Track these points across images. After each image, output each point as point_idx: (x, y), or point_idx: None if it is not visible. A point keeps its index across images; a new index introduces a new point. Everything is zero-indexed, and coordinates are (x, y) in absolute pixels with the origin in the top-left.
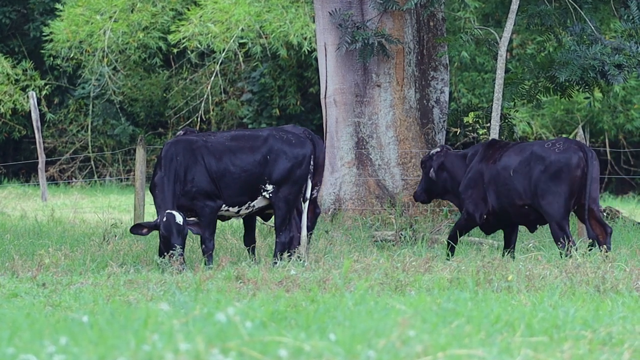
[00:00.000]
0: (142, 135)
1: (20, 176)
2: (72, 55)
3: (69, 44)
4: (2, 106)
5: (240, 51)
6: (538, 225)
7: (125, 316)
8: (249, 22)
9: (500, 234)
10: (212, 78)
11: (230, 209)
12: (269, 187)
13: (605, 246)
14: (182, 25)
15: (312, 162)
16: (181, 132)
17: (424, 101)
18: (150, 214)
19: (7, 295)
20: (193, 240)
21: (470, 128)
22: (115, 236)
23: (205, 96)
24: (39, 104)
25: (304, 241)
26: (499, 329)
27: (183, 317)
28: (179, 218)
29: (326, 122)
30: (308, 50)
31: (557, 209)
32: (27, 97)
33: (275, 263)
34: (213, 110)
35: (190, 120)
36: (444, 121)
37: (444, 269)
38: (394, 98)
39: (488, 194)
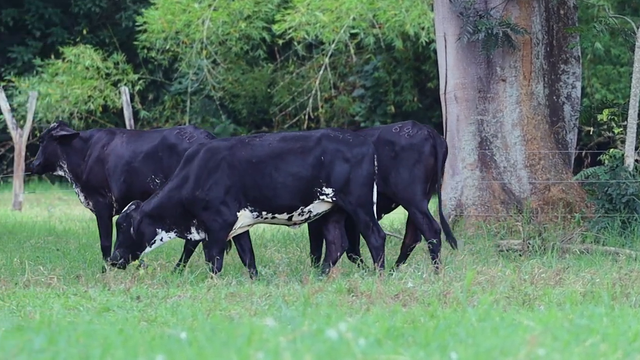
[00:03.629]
0: (245, 135)
1: None
2: (167, 47)
3: (165, 34)
4: (92, 102)
5: (351, 42)
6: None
7: (227, 332)
8: (361, 10)
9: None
10: (321, 72)
11: (278, 215)
12: (329, 191)
13: None
14: (288, 14)
15: (375, 162)
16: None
17: (554, 97)
18: None
19: (98, 309)
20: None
21: (605, 126)
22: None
23: (313, 92)
24: (131, 100)
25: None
26: (637, 347)
27: (290, 334)
28: None
29: (446, 120)
30: (426, 42)
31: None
32: (119, 92)
33: (376, 269)
34: (322, 107)
35: (297, 118)
36: (575, 119)
37: (576, 281)
38: (521, 94)
39: None
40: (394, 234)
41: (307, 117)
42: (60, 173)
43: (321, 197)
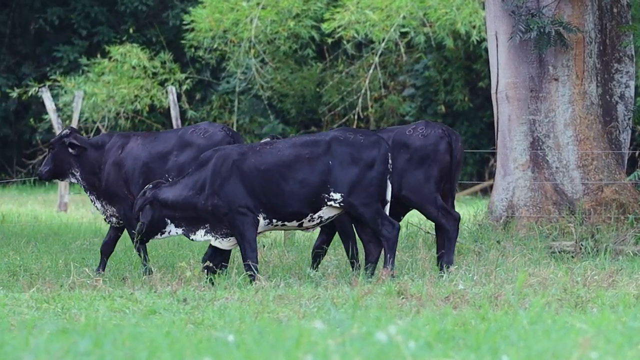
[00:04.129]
0: (294, 135)
1: None
2: (215, 46)
3: (212, 33)
4: (139, 102)
5: (401, 41)
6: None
7: (275, 335)
8: (412, 8)
9: None
10: (371, 71)
11: (288, 223)
12: (337, 196)
13: None
14: (337, 12)
15: (390, 160)
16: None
17: (607, 97)
18: None
19: (144, 312)
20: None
21: None
22: (264, 246)
23: (362, 91)
24: (179, 99)
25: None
26: None
27: (339, 337)
28: None
29: (497, 119)
30: (477, 40)
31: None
32: (166, 92)
33: (389, 261)
34: (372, 106)
35: (346, 118)
36: (629, 119)
37: (629, 283)
38: (573, 93)
39: None
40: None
41: (356, 117)
42: (73, 180)
43: (329, 202)
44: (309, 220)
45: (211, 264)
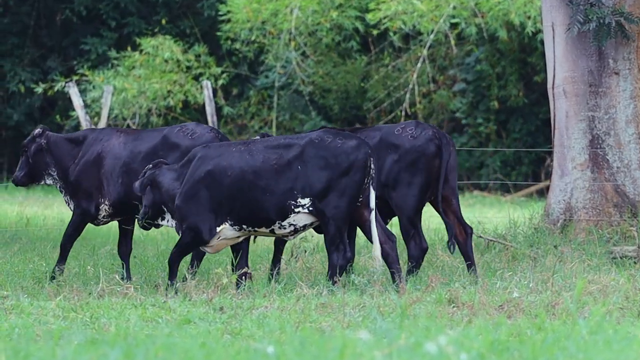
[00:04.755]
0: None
1: None
2: (253, 38)
3: (250, 24)
4: (172, 98)
5: (451, 32)
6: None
7: (317, 346)
8: None
9: None
10: (419, 65)
11: (258, 229)
12: (305, 202)
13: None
14: (383, 2)
15: (372, 167)
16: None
17: None
18: None
19: (178, 321)
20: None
21: None
22: (305, 251)
23: (410, 86)
24: (214, 95)
25: (377, 256)
26: None
27: (386, 348)
28: None
29: (554, 116)
30: (532, 32)
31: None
32: (201, 87)
33: (332, 285)
34: (420, 102)
35: (392, 115)
36: None
37: None
38: (635, 88)
39: None
40: (497, 239)
41: (403, 113)
42: (49, 182)
43: (297, 209)
44: (280, 228)
45: (249, 270)
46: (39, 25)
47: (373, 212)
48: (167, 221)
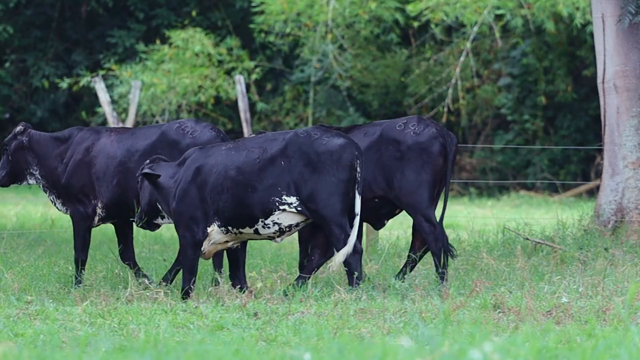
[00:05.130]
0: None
1: None
2: (288, 31)
3: (284, 16)
4: (203, 94)
5: (496, 24)
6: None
7: (356, 353)
8: None
9: None
10: (462, 58)
11: (242, 230)
12: (291, 200)
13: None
14: None
15: (358, 170)
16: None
17: None
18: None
19: (211, 327)
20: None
21: None
22: None
23: (453, 81)
24: (247, 90)
25: (339, 261)
26: None
27: (428, 355)
28: None
29: (604, 112)
30: (581, 24)
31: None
32: (233, 82)
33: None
34: (463, 97)
35: (434, 111)
36: None
37: None
38: None
39: None
40: (545, 242)
41: (446, 109)
42: (31, 182)
43: (282, 207)
44: (264, 227)
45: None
46: (64, 18)
47: (357, 218)
48: (167, 218)
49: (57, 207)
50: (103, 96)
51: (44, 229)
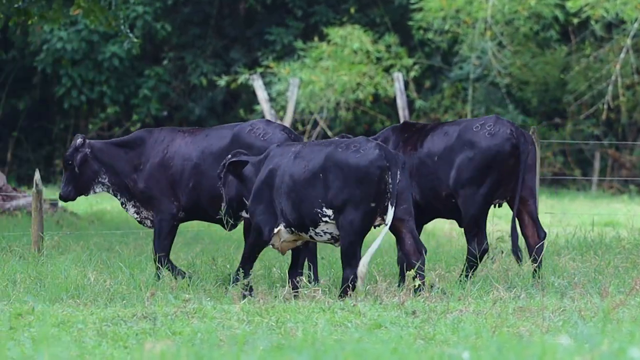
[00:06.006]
0: (535, 127)
1: None
2: (446, 28)
3: (443, 13)
4: (361, 91)
5: None
6: None
7: (515, 352)
8: None
9: None
10: (622, 55)
11: (303, 233)
12: (328, 212)
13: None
14: None
15: (390, 180)
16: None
17: None
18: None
19: (369, 325)
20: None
21: None
22: (502, 252)
23: (613, 78)
24: (406, 88)
25: (363, 266)
26: None
27: (587, 354)
28: None
29: None
30: None
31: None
32: (392, 79)
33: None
34: (623, 95)
35: (594, 108)
36: None
37: None
38: None
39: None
40: None
41: (606, 106)
42: (98, 190)
43: (324, 219)
44: (316, 235)
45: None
46: (222, 15)
47: (385, 228)
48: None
49: (126, 209)
50: (261, 94)
51: (202, 227)
